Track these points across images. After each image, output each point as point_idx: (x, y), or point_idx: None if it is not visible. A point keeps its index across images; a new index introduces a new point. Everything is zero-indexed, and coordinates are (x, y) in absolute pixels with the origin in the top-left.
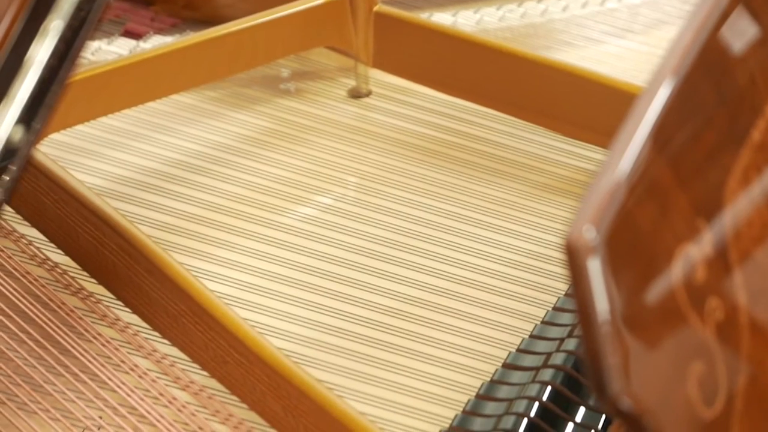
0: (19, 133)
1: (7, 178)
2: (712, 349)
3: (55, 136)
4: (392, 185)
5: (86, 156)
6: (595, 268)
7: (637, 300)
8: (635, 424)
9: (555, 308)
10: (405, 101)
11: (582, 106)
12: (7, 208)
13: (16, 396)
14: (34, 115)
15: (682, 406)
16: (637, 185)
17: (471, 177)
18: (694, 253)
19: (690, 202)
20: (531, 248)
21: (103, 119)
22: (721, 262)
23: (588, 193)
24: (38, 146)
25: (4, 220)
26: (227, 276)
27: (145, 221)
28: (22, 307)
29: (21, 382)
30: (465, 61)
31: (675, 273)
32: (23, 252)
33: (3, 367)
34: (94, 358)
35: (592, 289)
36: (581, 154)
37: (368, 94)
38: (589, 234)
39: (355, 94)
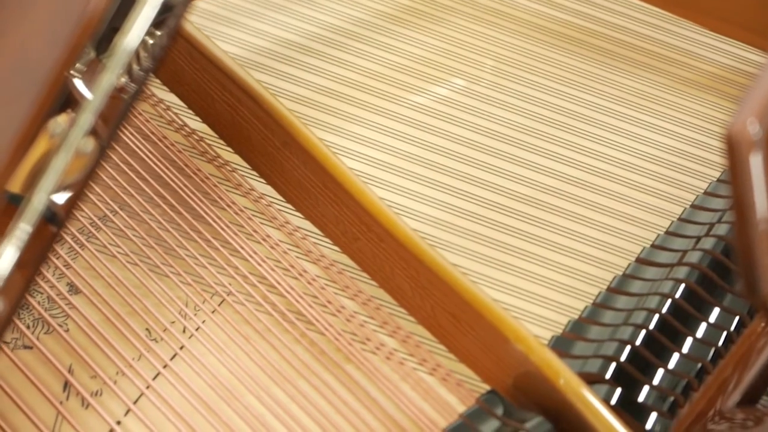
0: None
1: (153, 42)
2: None
3: (196, 3)
4: (529, 70)
5: (226, 24)
6: (757, 164)
7: None
8: None
9: (693, 206)
10: None
11: (731, 0)
12: None
13: (148, 258)
14: None
15: None
16: None
17: (611, 67)
18: None
19: None
20: (670, 143)
21: None
22: None
23: (753, 86)
24: None
25: None
26: (361, 153)
27: (281, 93)
28: (158, 171)
29: (153, 245)
30: None
31: None
32: (161, 117)
33: (137, 228)
34: (227, 226)
35: (753, 185)
36: (726, 50)
37: None
38: (753, 128)
39: None
